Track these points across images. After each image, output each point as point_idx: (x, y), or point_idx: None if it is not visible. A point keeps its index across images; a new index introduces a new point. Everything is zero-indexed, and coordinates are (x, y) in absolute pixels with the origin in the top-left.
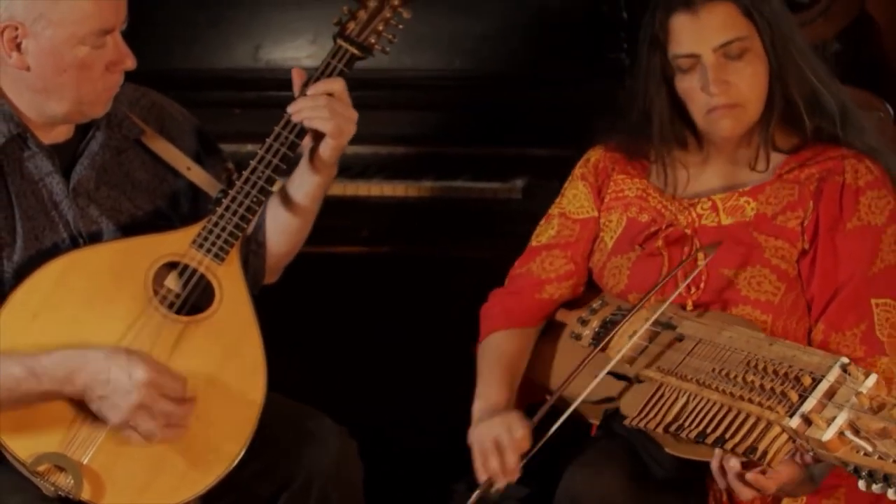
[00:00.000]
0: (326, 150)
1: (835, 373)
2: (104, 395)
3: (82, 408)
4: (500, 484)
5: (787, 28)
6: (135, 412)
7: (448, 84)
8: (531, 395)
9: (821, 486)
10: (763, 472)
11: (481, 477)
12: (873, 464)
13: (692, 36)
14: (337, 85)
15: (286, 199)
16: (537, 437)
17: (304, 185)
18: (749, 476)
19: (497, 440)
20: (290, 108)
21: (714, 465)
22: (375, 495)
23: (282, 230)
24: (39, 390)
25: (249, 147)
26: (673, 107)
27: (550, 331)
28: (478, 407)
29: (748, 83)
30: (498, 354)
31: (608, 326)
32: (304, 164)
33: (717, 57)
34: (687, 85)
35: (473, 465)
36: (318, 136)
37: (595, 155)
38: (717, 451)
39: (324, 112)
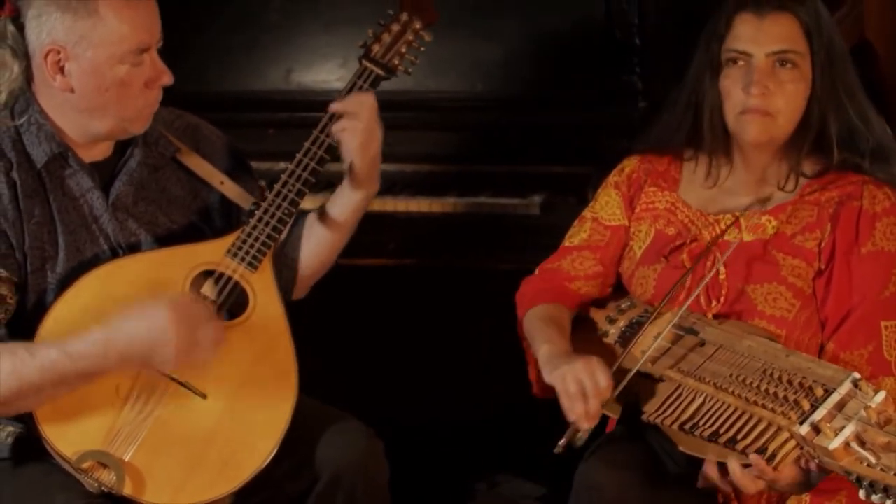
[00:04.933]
0: (356, 164)
1: (846, 386)
2: (147, 352)
3: (123, 408)
4: (585, 427)
5: (840, 63)
6: (182, 350)
7: (470, 105)
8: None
9: (823, 489)
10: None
11: (570, 417)
12: (875, 475)
13: (751, 35)
14: (367, 98)
15: (326, 214)
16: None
17: (345, 199)
18: (752, 457)
19: (582, 385)
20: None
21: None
22: (400, 493)
23: (318, 244)
24: (75, 370)
25: (282, 165)
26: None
27: (579, 326)
28: (547, 350)
29: (786, 97)
30: (543, 316)
31: (634, 327)
32: (346, 180)
33: (767, 62)
34: (730, 81)
35: (561, 404)
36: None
37: (630, 165)
38: (723, 453)
39: (351, 124)
